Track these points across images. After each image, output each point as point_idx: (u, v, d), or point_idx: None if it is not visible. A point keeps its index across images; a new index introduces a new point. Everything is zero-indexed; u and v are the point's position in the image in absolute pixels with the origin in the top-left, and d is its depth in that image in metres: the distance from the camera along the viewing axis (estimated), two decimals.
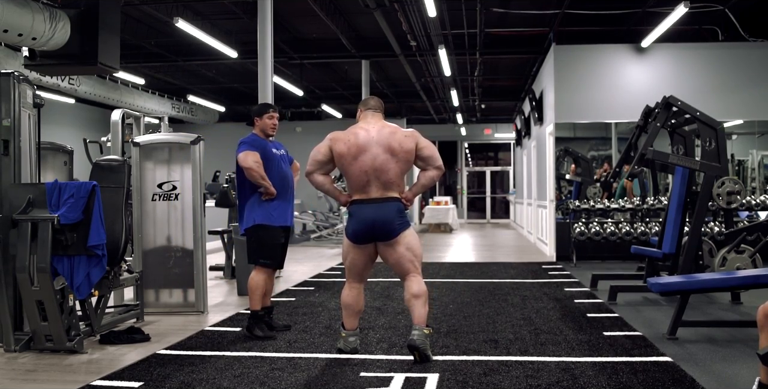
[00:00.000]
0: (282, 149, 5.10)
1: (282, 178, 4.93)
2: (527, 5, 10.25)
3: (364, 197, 4.09)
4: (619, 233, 9.13)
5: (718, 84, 9.71)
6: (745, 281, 4.62)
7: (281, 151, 5.07)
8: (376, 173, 4.04)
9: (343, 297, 4.28)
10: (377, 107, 4.34)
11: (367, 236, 4.09)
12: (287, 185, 4.97)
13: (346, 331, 4.28)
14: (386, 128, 4.15)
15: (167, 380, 3.71)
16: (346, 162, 4.08)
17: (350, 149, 4.06)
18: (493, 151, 24.82)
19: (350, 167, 4.07)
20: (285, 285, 7.47)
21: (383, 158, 4.03)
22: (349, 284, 4.28)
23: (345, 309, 4.28)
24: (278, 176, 4.90)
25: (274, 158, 4.94)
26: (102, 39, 6.71)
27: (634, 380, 3.62)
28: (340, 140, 4.12)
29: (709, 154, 5.84)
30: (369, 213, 4.05)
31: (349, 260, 4.22)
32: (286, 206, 4.96)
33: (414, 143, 4.11)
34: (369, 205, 4.07)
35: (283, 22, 11.39)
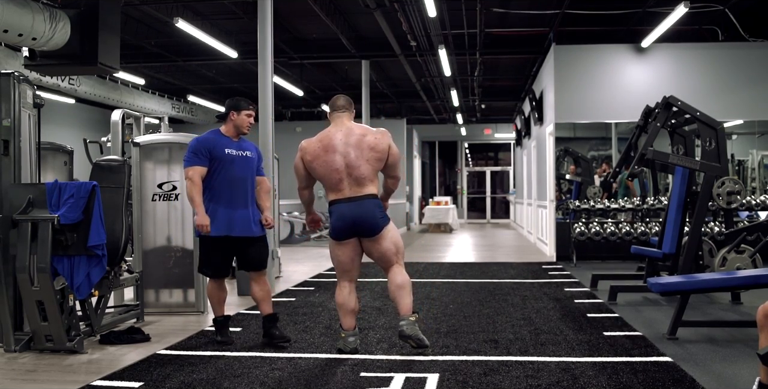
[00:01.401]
0: (248, 151, 4.61)
1: (231, 182, 4.46)
2: (527, 5, 10.25)
3: (340, 197, 4.17)
4: (619, 233, 9.13)
5: (718, 84, 9.71)
6: (745, 281, 4.62)
7: (245, 152, 4.57)
8: (348, 170, 4.12)
9: (336, 297, 4.35)
10: (345, 107, 4.35)
11: (349, 232, 4.17)
12: (238, 191, 4.48)
13: (345, 331, 4.30)
14: (356, 129, 4.23)
15: (167, 380, 3.71)
16: (317, 165, 4.17)
17: (319, 152, 4.17)
18: (493, 151, 24.82)
19: (321, 169, 4.16)
20: (285, 285, 7.47)
21: (354, 156, 4.12)
22: (339, 284, 4.34)
23: (339, 308, 4.33)
24: (227, 180, 4.46)
25: (225, 160, 4.47)
26: (102, 39, 6.71)
27: (634, 380, 3.62)
28: (309, 147, 4.23)
29: (709, 154, 5.84)
30: (347, 211, 4.13)
31: (335, 259, 4.31)
32: (231, 214, 4.43)
33: (387, 143, 4.22)
34: (346, 203, 4.14)
35: (283, 22, 11.38)
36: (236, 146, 4.56)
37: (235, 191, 4.47)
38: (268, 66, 7.12)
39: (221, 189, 4.44)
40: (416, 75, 14.41)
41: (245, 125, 4.59)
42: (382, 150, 4.18)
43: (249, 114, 4.60)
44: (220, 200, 4.44)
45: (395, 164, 4.29)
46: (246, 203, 4.51)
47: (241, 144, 4.61)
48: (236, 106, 4.57)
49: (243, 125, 4.58)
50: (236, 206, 4.46)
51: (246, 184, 4.53)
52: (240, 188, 4.49)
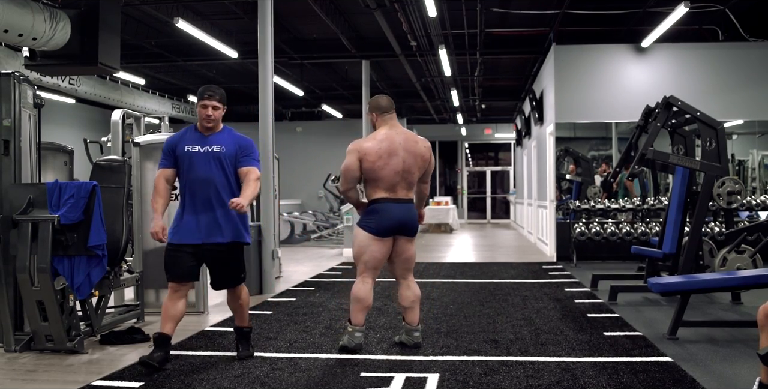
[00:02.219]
0: (218, 145, 4.05)
1: (193, 182, 4.01)
2: (527, 5, 10.25)
3: (391, 196, 4.28)
4: (620, 233, 9.13)
5: (718, 84, 9.71)
6: (745, 281, 4.62)
7: (213, 147, 4.04)
8: (404, 174, 4.28)
9: (356, 291, 4.30)
10: (391, 108, 4.45)
11: (393, 230, 4.28)
12: (200, 192, 3.99)
13: (353, 326, 4.31)
14: (409, 135, 4.38)
15: (167, 380, 3.71)
16: (379, 167, 4.24)
17: (383, 154, 4.24)
18: (493, 151, 24.81)
19: (382, 171, 4.25)
20: (285, 285, 7.47)
21: (410, 162, 4.28)
22: (362, 278, 4.31)
23: (356, 302, 4.31)
24: (189, 181, 4.03)
25: (184, 158, 4.04)
26: (102, 39, 6.71)
27: (634, 380, 3.62)
28: (370, 151, 4.25)
29: (710, 154, 5.84)
30: (397, 212, 4.26)
31: (368, 254, 4.28)
32: (195, 219, 3.99)
33: (429, 154, 4.43)
34: (397, 204, 4.27)
35: (283, 23, 11.38)
36: (202, 142, 4.05)
37: (198, 192, 3.99)
38: (268, 66, 7.12)
39: (185, 191, 4.05)
40: (416, 75, 14.41)
41: (202, 117, 4.06)
42: (427, 160, 4.40)
43: (204, 105, 4.05)
44: (185, 204, 4.04)
45: (431, 172, 4.51)
46: (212, 206, 3.99)
47: (212, 138, 4.07)
48: (197, 95, 4.11)
49: (200, 118, 4.08)
50: (200, 209, 3.98)
51: (210, 184, 3.99)
52: (203, 189, 3.99)
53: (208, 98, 4.04)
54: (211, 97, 4.05)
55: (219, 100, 4.07)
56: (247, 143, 4.16)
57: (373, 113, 4.39)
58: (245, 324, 4.26)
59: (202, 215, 3.98)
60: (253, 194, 3.97)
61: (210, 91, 4.07)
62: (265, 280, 6.95)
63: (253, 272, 6.86)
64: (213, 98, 4.05)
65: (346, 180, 4.31)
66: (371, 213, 4.27)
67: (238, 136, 4.17)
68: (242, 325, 4.26)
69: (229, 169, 4.05)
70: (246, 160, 4.10)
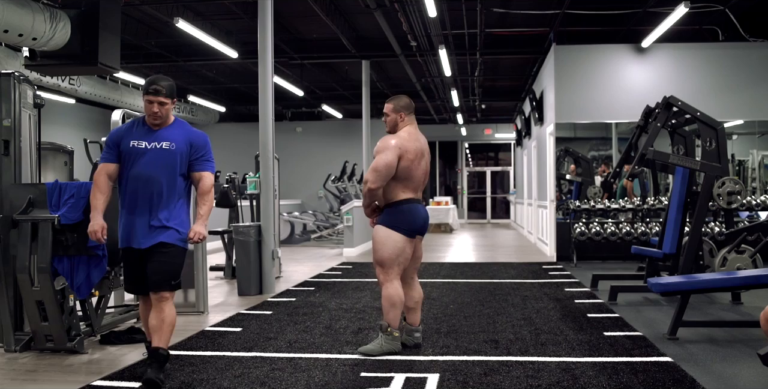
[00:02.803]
0: (167, 142, 3.66)
1: (134, 181, 3.63)
2: (528, 5, 10.25)
3: (415, 197, 4.33)
4: (620, 233, 9.12)
5: (718, 84, 9.71)
6: (745, 281, 4.62)
7: (162, 143, 3.65)
8: (426, 175, 4.40)
9: (395, 295, 4.21)
10: (414, 108, 4.50)
11: (420, 230, 4.34)
12: (140, 193, 3.62)
13: (394, 329, 4.27)
14: (423, 137, 4.45)
15: (167, 380, 3.70)
16: (413, 167, 4.26)
17: (418, 154, 4.28)
18: (493, 151, 24.81)
19: (416, 171, 4.28)
20: (285, 285, 7.47)
21: (426, 163, 4.40)
22: (396, 281, 4.26)
23: (398, 307, 4.24)
24: (131, 180, 3.65)
25: (128, 154, 3.66)
26: (102, 39, 6.72)
27: (634, 380, 3.62)
28: (410, 149, 4.26)
29: (710, 154, 5.84)
30: (423, 212, 4.36)
31: (403, 256, 4.26)
32: (132, 222, 3.63)
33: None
34: (419, 205, 4.34)
35: (283, 23, 11.39)
36: (150, 137, 3.66)
37: (139, 192, 3.62)
38: (269, 66, 7.12)
39: (125, 191, 3.68)
40: (416, 75, 14.42)
41: (148, 113, 3.66)
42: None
43: (149, 101, 3.63)
44: (125, 205, 3.68)
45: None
46: (149, 209, 3.60)
47: (162, 133, 3.67)
48: (143, 87, 3.69)
49: (146, 113, 3.68)
50: (138, 212, 3.62)
51: (153, 184, 3.61)
52: (144, 188, 3.61)
53: (154, 94, 3.62)
54: (157, 92, 3.62)
55: (166, 95, 3.64)
56: (201, 140, 3.76)
57: (402, 112, 4.36)
58: (162, 345, 3.62)
59: (139, 218, 3.61)
60: (209, 210, 3.68)
61: (156, 86, 3.63)
62: (265, 280, 6.95)
63: (253, 272, 6.87)
64: (159, 94, 3.62)
65: (381, 177, 4.14)
66: (402, 214, 4.23)
67: (192, 131, 3.77)
68: (159, 346, 3.62)
69: (178, 168, 3.67)
70: (199, 163, 3.72)
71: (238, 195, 8.58)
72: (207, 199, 3.70)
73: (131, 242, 3.64)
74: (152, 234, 3.61)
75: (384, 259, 4.22)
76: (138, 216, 3.62)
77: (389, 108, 4.38)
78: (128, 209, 3.65)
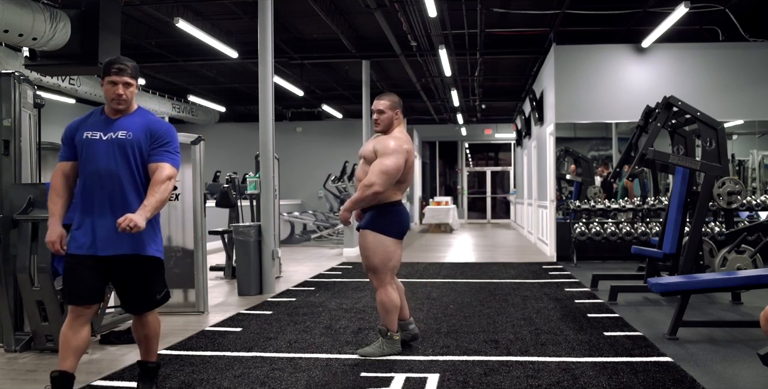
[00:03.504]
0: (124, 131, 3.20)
1: (92, 177, 3.18)
2: (528, 5, 10.25)
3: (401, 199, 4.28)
4: (620, 233, 9.12)
5: (718, 84, 9.71)
6: (745, 281, 4.62)
7: (119, 133, 3.19)
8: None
9: (392, 300, 4.16)
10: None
11: (406, 231, 4.32)
12: (101, 189, 3.17)
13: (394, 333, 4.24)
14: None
15: (167, 380, 3.71)
16: (408, 169, 4.21)
17: (413, 157, 4.25)
18: (493, 151, 24.82)
19: (409, 174, 4.23)
20: (285, 285, 7.47)
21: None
22: (391, 285, 4.20)
23: (395, 311, 4.20)
24: (87, 176, 3.19)
25: (82, 147, 3.21)
26: (102, 39, 6.71)
27: (634, 380, 3.62)
28: (411, 152, 4.22)
29: (710, 154, 5.84)
30: (407, 212, 4.36)
31: (395, 259, 4.21)
32: (94, 224, 3.16)
33: None
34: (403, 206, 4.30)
35: (283, 23, 11.39)
36: (106, 127, 3.22)
37: (97, 190, 3.17)
38: (269, 66, 7.12)
39: (82, 190, 3.21)
40: (417, 75, 14.41)
41: (111, 97, 3.20)
42: None
43: (112, 81, 3.19)
44: (83, 205, 3.21)
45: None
46: (113, 208, 3.15)
47: (120, 122, 3.23)
48: (102, 71, 3.24)
49: (108, 98, 3.22)
50: (99, 212, 3.16)
51: (113, 180, 3.16)
52: (103, 186, 3.16)
53: (118, 73, 3.18)
54: (121, 71, 3.19)
55: (131, 75, 3.22)
56: (162, 128, 3.28)
57: (398, 109, 4.23)
58: (151, 359, 3.42)
59: (100, 220, 3.15)
60: (158, 202, 3.13)
61: (120, 64, 3.20)
62: (265, 280, 6.95)
63: (253, 272, 6.87)
64: (124, 73, 3.19)
65: (390, 180, 4.04)
66: (392, 216, 4.15)
67: (153, 119, 3.32)
68: (147, 359, 3.43)
69: (137, 161, 3.22)
70: (157, 153, 3.24)
71: (238, 195, 8.58)
72: (158, 189, 3.14)
73: (94, 248, 3.14)
74: (120, 240, 3.13)
75: (376, 265, 4.13)
76: (98, 218, 3.14)
77: (386, 105, 4.19)
78: (85, 211, 3.17)
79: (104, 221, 3.14)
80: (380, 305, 4.18)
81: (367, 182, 4.01)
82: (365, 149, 4.20)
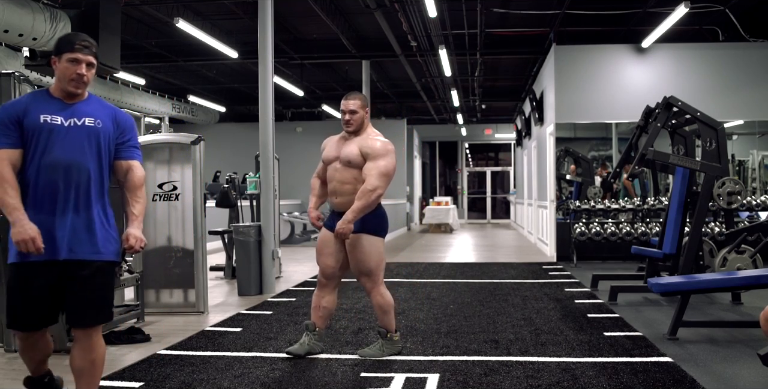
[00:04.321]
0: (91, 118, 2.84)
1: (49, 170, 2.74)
2: (528, 5, 10.25)
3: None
4: (620, 233, 9.12)
5: (718, 84, 9.71)
6: (745, 281, 4.62)
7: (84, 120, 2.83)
8: None
9: (390, 299, 4.16)
10: None
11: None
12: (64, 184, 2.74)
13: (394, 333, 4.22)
14: None
15: (168, 380, 3.71)
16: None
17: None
18: (493, 151, 24.83)
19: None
20: (285, 285, 7.47)
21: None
22: (383, 287, 4.18)
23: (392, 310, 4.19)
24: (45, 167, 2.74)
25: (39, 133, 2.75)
26: (102, 39, 6.70)
27: (634, 380, 3.62)
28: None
29: (710, 154, 5.84)
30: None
31: (384, 260, 4.20)
32: (52, 223, 2.72)
33: None
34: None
35: (283, 23, 11.39)
36: (66, 112, 2.81)
37: (59, 183, 2.74)
38: (269, 66, 7.12)
39: (37, 183, 2.74)
40: (417, 75, 14.42)
41: (70, 77, 2.80)
42: None
43: (74, 59, 2.78)
44: (35, 202, 2.74)
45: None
46: (78, 206, 2.76)
47: (81, 107, 2.85)
48: (56, 48, 2.81)
49: (66, 77, 2.80)
50: (61, 209, 2.75)
51: (79, 172, 2.77)
52: (66, 179, 2.75)
53: (82, 50, 2.78)
54: (85, 49, 2.79)
55: (95, 54, 2.85)
56: (129, 121, 2.99)
57: (367, 108, 4.12)
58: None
59: (60, 218, 2.74)
60: (144, 209, 2.92)
61: (86, 40, 2.81)
62: (265, 280, 6.95)
63: (253, 273, 6.87)
64: (88, 51, 2.81)
65: (389, 182, 4.02)
66: (382, 217, 4.12)
67: (115, 108, 3.01)
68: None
69: (108, 154, 2.87)
70: (127, 149, 2.92)
71: (238, 195, 8.58)
72: (140, 195, 2.90)
73: (54, 252, 2.71)
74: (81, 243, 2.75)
75: (372, 269, 4.09)
76: (58, 216, 2.73)
77: (357, 105, 4.04)
78: (38, 209, 2.72)
79: (64, 221, 2.73)
80: (378, 306, 4.15)
81: (369, 186, 3.92)
82: (350, 152, 4.01)
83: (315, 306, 4.29)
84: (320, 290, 4.29)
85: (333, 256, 4.21)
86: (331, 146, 4.20)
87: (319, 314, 4.27)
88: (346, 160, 4.03)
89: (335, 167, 4.11)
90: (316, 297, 4.30)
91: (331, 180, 4.14)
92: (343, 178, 4.05)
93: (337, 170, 4.09)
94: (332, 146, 4.18)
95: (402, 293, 6.80)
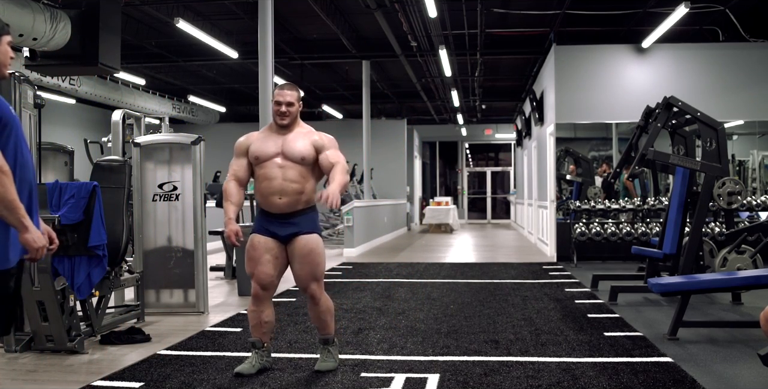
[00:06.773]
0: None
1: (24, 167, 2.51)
2: (528, 6, 10.26)
3: None
4: (620, 233, 9.12)
5: (718, 84, 9.71)
6: (745, 281, 4.62)
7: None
8: None
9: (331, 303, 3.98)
10: None
11: None
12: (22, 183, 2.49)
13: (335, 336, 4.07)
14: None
15: (168, 380, 3.71)
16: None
17: None
18: (493, 151, 24.82)
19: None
20: (285, 285, 7.46)
21: None
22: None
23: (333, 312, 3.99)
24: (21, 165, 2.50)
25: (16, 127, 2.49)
26: (103, 39, 6.72)
27: (634, 380, 3.62)
28: None
29: (710, 154, 5.84)
30: None
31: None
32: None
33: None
34: None
35: (283, 23, 11.39)
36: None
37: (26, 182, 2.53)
38: (269, 66, 7.13)
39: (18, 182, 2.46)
40: (417, 75, 14.42)
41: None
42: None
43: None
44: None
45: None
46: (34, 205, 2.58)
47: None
48: None
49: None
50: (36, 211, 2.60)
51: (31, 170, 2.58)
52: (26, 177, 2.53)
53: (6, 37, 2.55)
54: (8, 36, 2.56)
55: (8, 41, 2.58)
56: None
57: (301, 102, 3.83)
58: None
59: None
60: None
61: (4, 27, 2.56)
62: None
63: None
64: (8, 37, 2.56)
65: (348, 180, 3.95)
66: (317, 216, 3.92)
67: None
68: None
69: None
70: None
71: None
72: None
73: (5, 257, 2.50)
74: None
75: (322, 272, 3.84)
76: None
77: (294, 97, 3.74)
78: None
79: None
80: (327, 311, 3.87)
81: (343, 163, 3.74)
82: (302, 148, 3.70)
83: (255, 323, 3.86)
84: (257, 305, 3.85)
85: (272, 263, 3.78)
86: (261, 142, 3.76)
87: (263, 330, 3.87)
88: (298, 157, 3.68)
89: (277, 163, 3.69)
90: (254, 314, 3.86)
91: (271, 179, 3.68)
92: (291, 176, 3.67)
93: (281, 168, 3.68)
94: (263, 142, 3.75)
95: (402, 293, 6.80)
